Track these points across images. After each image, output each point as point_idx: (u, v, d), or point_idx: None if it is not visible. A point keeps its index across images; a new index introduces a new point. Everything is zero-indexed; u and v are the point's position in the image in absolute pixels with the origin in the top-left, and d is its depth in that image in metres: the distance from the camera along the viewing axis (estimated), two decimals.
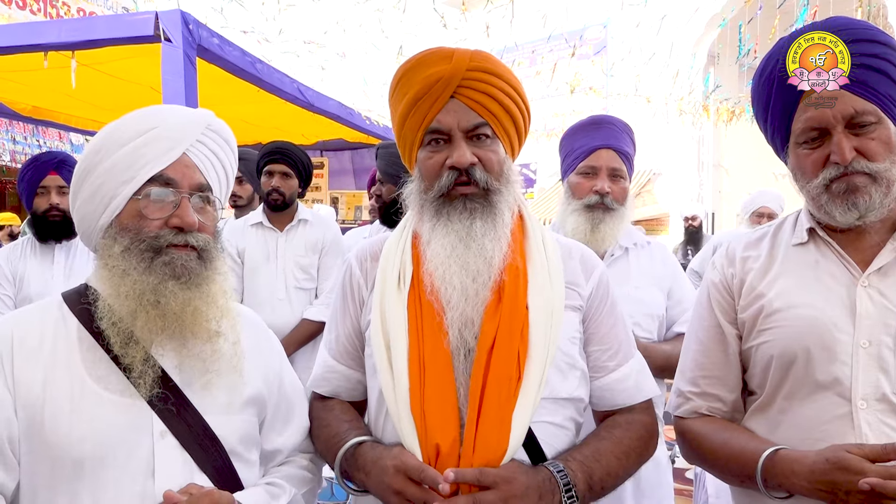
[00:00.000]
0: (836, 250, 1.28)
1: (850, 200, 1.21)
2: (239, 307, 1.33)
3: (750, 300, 1.33)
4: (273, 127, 5.77)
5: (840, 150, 1.19)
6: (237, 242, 3.25)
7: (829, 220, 1.27)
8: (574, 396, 1.26)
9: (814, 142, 1.24)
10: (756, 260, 1.36)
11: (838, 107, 1.20)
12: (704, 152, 13.22)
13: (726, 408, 1.38)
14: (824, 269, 1.28)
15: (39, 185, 2.77)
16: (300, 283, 3.25)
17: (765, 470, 1.19)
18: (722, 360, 1.38)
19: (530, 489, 1.08)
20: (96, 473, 1.09)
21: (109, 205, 1.16)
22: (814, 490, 1.13)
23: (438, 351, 1.17)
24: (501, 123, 1.27)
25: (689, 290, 2.21)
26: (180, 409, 1.15)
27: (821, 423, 1.21)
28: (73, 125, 5.71)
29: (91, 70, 3.98)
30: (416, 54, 1.29)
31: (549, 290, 1.24)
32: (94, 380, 1.13)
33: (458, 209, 1.24)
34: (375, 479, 1.14)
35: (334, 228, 3.46)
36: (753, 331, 1.32)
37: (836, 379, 1.20)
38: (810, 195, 1.27)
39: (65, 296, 1.22)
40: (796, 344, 1.24)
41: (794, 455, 1.17)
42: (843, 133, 1.20)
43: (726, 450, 1.29)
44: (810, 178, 1.26)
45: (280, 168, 3.24)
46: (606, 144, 2.06)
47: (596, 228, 2.00)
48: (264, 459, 1.32)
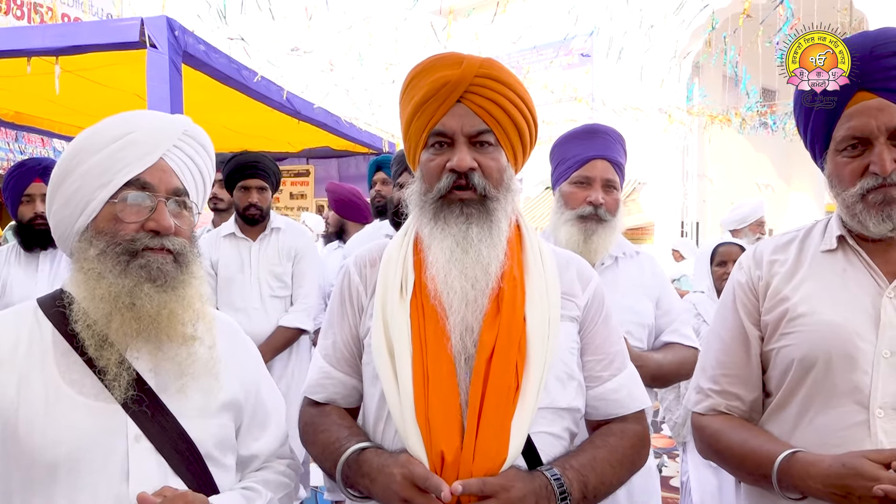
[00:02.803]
0: (865, 259, 1.29)
1: (886, 212, 1.22)
2: (216, 312, 1.33)
3: (774, 303, 1.34)
4: (259, 135, 5.77)
5: (881, 160, 1.20)
6: (210, 254, 3.27)
7: (862, 230, 1.28)
8: (572, 406, 1.28)
9: (854, 150, 1.25)
10: (783, 264, 1.37)
11: (884, 118, 1.21)
12: (689, 162, 13.35)
13: (745, 407, 1.39)
14: (851, 278, 1.29)
15: (24, 193, 2.74)
16: (275, 291, 3.28)
17: (781, 471, 1.21)
18: (744, 360, 1.39)
19: (528, 495, 1.10)
20: (71, 477, 1.09)
21: (86, 208, 1.17)
22: (828, 493, 1.14)
23: (442, 357, 1.18)
24: (505, 131, 1.28)
25: (677, 299, 2.24)
26: (155, 412, 1.15)
27: (838, 429, 1.22)
28: (56, 131, 5.66)
29: (75, 76, 3.96)
30: (428, 58, 1.31)
31: (545, 301, 1.25)
32: (68, 384, 1.12)
33: (455, 213, 1.25)
34: (381, 486, 1.14)
35: (307, 235, 3.49)
36: (776, 334, 1.33)
37: (856, 387, 1.21)
38: (845, 203, 1.28)
39: (40, 301, 1.22)
40: (818, 349, 1.25)
41: (811, 458, 1.19)
42: (885, 144, 1.21)
43: (744, 448, 1.31)
44: (847, 186, 1.26)
45: (257, 183, 3.27)
46: (601, 155, 2.05)
47: (589, 239, 2.00)
48: (241, 465, 1.32)
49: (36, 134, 6.97)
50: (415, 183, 1.34)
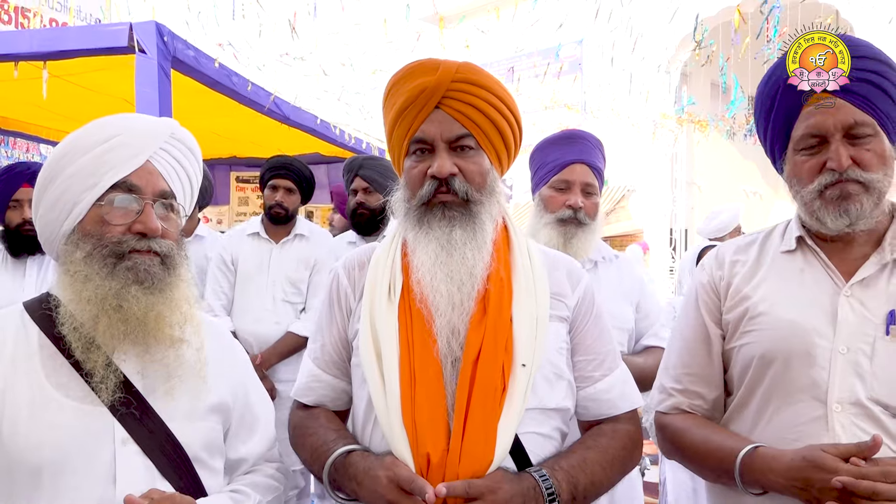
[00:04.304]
0: (823, 260, 1.32)
1: (843, 207, 1.26)
2: (204, 315, 1.33)
3: (735, 302, 1.38)
4: (249, 140, 5.76)
5: (837, 156, 1.24)
6: (232, 250, 3.31)
7: (820, 227, 1.31)
8: (561, 406, 1.28)
9: (812, 149, 1.29)
10: (744, 264, 1.41)
11: (839, 116, 1.25)
12: (678, 170, 13.47)
13: (707, 406, 1.42)
14: (809, 277, 1.32)
15: (12, 199, 2.71)
16: (288, 296, 3.28)
17: (743, 466, 1.24)
18: (705, 360, 1.42)
19: (515, 497, 1.09)
20: (55, 480, 1.08)
21: (72, 211, 1.17)
22: (789, 487, 1.17)
23: (428, 360, 1.19)
24: (486, 134, 1.27)
25: (656, 303, 2.26)
26: (142, 415, 1.15)
27: (796, 424, 1.25)
28: (42, 136, 5.61)
29: (63, 81, 3.94)
30: (406, 65, 1.32)
31: (533, 301, 1.25)
32: (54, 386, 1.12)
33: (438, 217, 1.25)
34: (368, 489, 1.14)
35: (327, 246, 3.46)
36: (737, 332, 1.37)
37: (814, 382, 1.24)
38: (804, 201, 1.32)
39: (26, 304, 1.22)
40: (777, 347, 1.29)
41: (773, 453, 1.22)
42: (840, 141, 1.25)
43: (706, 445, 1.33)
44: (806, 183, 1.30)
45: (285, 183, 3.33)
46: (580, 159, 2.08)
47: (568, 243, 2.03)
48: (229, 468, 1.32)
49: (23, 139, 6.92)
50: (400, 189, 1.34)
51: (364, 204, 3.18)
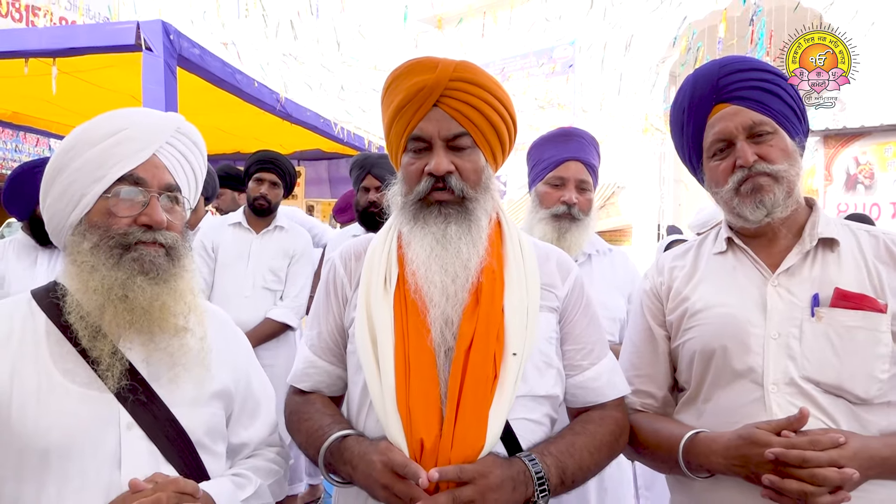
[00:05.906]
0: (751, 256, 1.42)
1: (758, 199, 1.36)
2: (207, 304, 1.36)
3: (676, 303, 1.48)
4: (252, 137, 5.79)
5: (743, 153, 1.36)
6: (213, 237, 3.42)
7: (744, 223, 1.41)
8: (550, 394, 1.31)
9: (722, 153, 1.42)
10: (682, 269, 1.52)
11: (739, 119, 1.38)
12: (665, 167, 13.62)
13: (658, 403, 1.51)
14: (740, 273, 1.42)
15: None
16: (267, 283, 3.41)
17: (686, 451, 1.31)
18: (652, 360, 1.51)
19: (505, 481, 1.12)
20: (62, 464, 1.11)
21: (80, 203, 1.19)
22: (729, 466, 1.23)
23: (423, 349, 1.21)
24: (482, 133, 1.29)
25: None
26: (147, 401, 1.17)
27: (738, 407, 1.32)
28: (52, 131, 5.68)
29: (72, 77, 3.99)
30: (404, 63, 1.33)
31: (524, 292, 1.28)
32: (61, 373, 1.14)
33: (434, 214, 1.28)
34: (362, 473, 1.17)
35: (306, 237, 3.60)
36: (679, 330, 1.46)
37: (751, 367, 1.32)
38: (724, 200, 1.43)
39: (34, 292, 1.25)
40: (715, 339, 1.37)
41: (712, 436, 1.29)
42: (744, 141, 1.38)
43: (655, 438, 1.40)
44: (722, 184, 1.41)
45: (270, 177, 3.47)
46: (575, 157, 2.13)
47: (563, 237, 2.08)
48: (231, 453, 1.35)
49: (33, 134, 6.98)
50: (396, 184, 1.37)
51: (376, 202, 3.26)
